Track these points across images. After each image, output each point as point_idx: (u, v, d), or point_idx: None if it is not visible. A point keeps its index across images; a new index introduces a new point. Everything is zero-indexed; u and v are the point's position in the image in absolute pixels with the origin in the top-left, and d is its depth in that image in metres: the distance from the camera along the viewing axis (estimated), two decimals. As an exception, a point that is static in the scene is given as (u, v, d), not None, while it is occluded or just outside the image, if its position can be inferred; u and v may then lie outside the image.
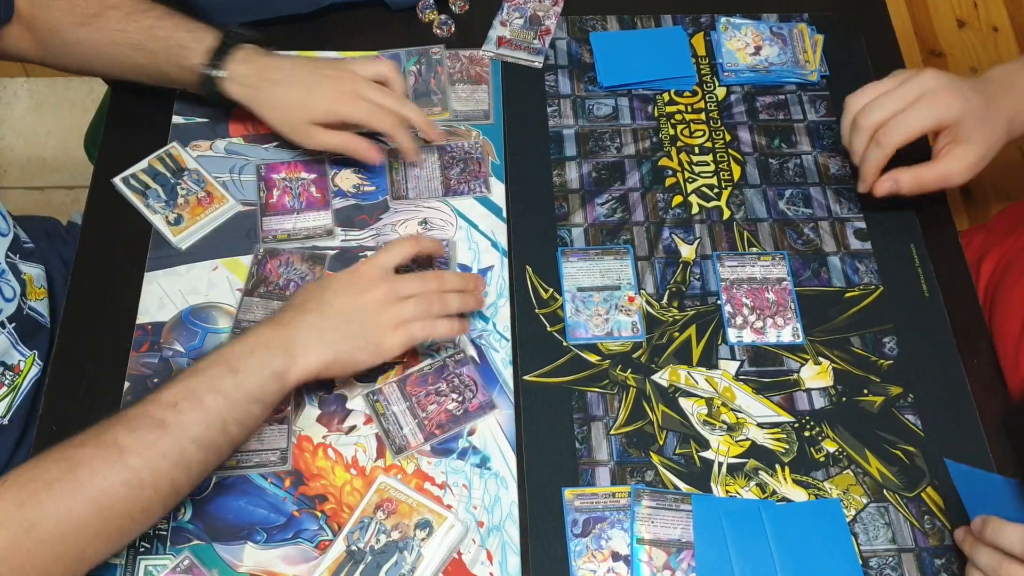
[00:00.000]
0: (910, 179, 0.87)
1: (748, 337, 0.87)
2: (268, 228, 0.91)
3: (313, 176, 0.94)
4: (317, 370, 0.75)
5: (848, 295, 0.90)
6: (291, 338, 0.75)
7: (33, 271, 0.93)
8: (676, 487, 0.79)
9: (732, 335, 0.87)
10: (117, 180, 0.92)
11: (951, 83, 0.84)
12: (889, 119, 0.85)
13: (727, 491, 0.79)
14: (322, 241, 0.91)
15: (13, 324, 0.88)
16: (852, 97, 0.88)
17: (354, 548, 0.75)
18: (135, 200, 0.92)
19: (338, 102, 0.89)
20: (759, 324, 0.87)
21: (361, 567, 0.74)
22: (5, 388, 0.87)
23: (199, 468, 0.70)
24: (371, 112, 0.89)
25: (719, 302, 0.88)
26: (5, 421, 0.87)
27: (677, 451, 0.81)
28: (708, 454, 0.81)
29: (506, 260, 0.91)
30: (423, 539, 0.75)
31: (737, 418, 0.83)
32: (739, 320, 0.87)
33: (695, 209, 0.94)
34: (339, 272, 0.82)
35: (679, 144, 0.99)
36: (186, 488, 0.70)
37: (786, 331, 0.87)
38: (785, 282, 0.90)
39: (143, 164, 0.94)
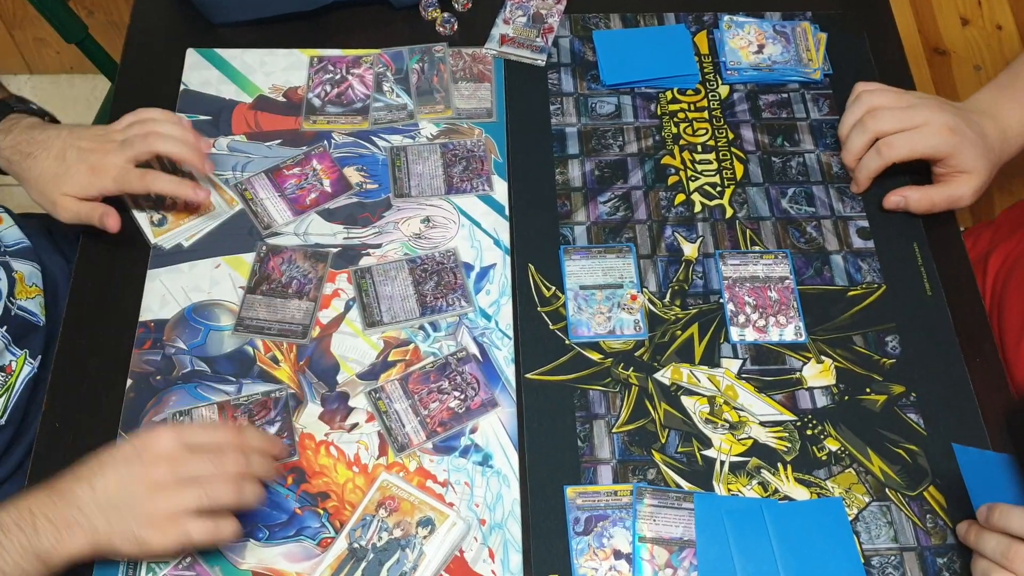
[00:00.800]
0: (919, 197, 0.91)
1: (751, 336, 0.87)
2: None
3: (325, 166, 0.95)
4: (83, 552, 0.67)
5: (851, 294, 0.89)
6: (60, 515, 0.67)
7: (25, 269, 0.93)
8: (678, 485, 0.79)
9: (735, 334, 0.87)
10: None
11: (953, 121, 0.88)
12: (894, 132, 0.89)
13: (729, 490, 0.79)
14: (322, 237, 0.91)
15: (3, 327, 0.88)
16: (868, 93, 0.92)
17: (356, 546, 0.75)
18: (125, 195, 0.91)
19: (88, 175, 0.85)
20: (761, 323, 0.87)
21: (363, 564, 0.74)
22: None
23: None
24: (121, 179, 0.85)
25: (722, 300, 0.88)
26: (2, 421, 0.87)
27: (679, 449, 0.81)
28: (710, 452, 0.81)
29: (508, 258, 0.91)
30: (425, 537, 0.75)
31: (739, 416, 0.83)
32: (741, 319, 0.87)
33: (698, 207, 0.94)
34: (125, 441, 0.71)
35: (682, 142, 0.99)
36: None
37: (788, 329, 0.87)
38: (788, 280, 0.89)
39: None
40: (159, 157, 0.89)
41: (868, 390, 0.84)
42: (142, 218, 0.91)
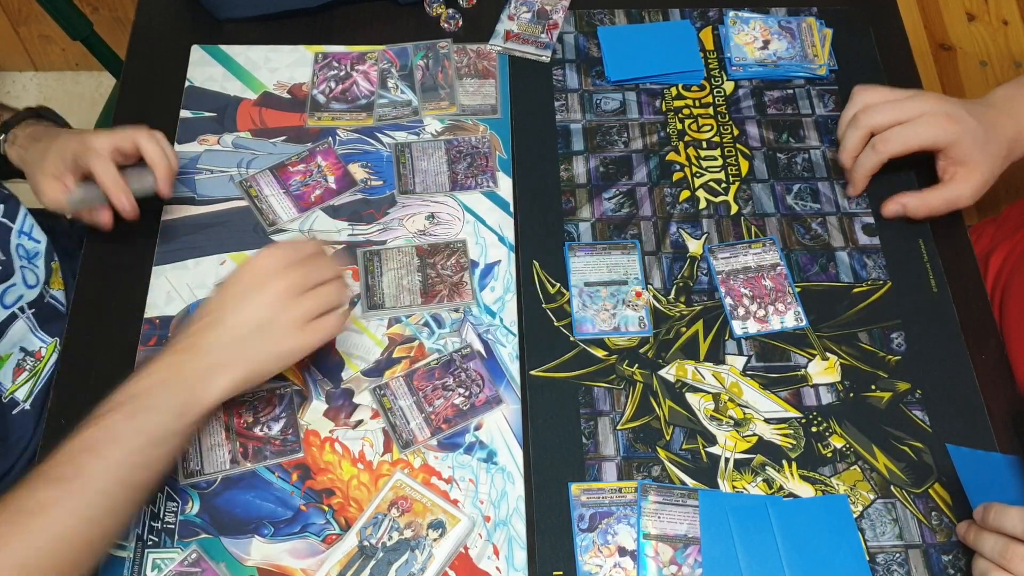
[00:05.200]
0: (917, 203, 0.90)
1: (753, 327, 0.86)
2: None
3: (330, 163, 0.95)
4: (228, 393, 0.72)
5: (856, 290, 0.89)
6: (194, 368, 0.71)
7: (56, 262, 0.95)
8: (683, 482, 0.79)
9: (737, 327, 0.87)
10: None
11: (952, 108, 0.87)
12: (888, 126, 0.88)
13: (734, 487, 0.79)
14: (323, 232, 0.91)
15: (33, 310, 0.89)
16: (862, 90, 0.90)
17: (366, 544, 0.75)
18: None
19: (62, 151, 0.86)
20: (761, 313, 0.87)
21: (372, 563, 0.75)
22: (27, 373, 0.88)
23: (124, 511, 0.69)
24: (84, 154, 0.85)
25: (718, 295, 0.88)
26: (27, 406, 0.88)
27: (684, 446, 0.81)
28: (715, 449, 0.81)
29: (513, 255, 0.91)
30: (435, 539, 0.75)
31: (744, 413, 0.83)
32: (741, 311, 0.87)
33: (703, 204, 0.94)
34: (233, 276, 0.76)
35: (687, 139, 0.98)
36: (102, 540, 0.69)
37: (788, 316, 0.87)
38: (779, 267, 0.89)
39: None
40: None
41: (873, 387, 0.84)
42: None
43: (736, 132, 0.99)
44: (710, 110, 1.00)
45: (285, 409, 0.82)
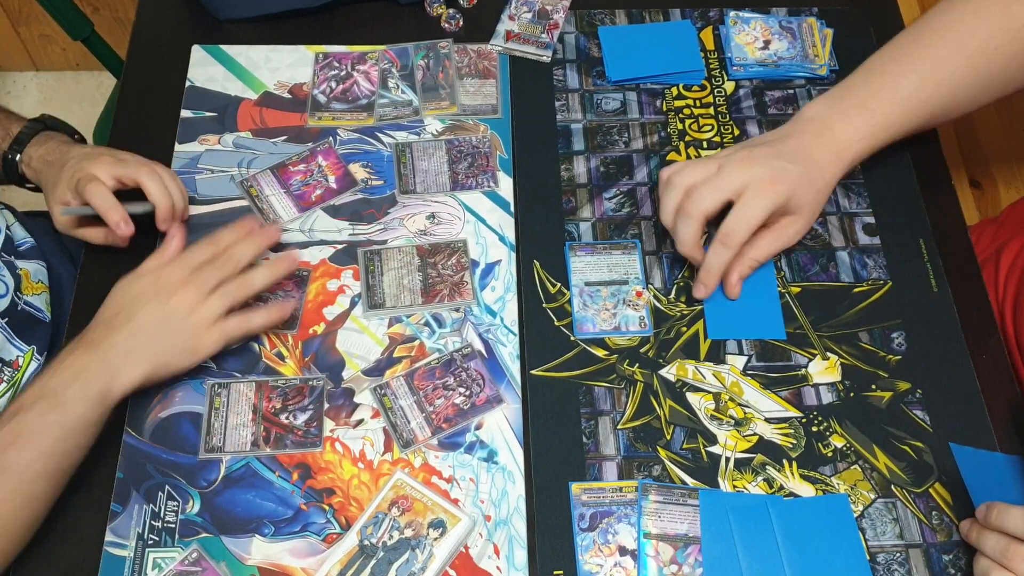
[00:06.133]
0: (748, 269, 0.86)
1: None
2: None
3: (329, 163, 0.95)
4: (136, 384, 0.77)
5: (856, 290, 0.89)
6: (106, 359, 0.76)
7: (30, 267, 0.93)
8: (683, 482, 0.79)
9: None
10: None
11: (771, 166, 0.82)
12: (715, 205, 0.82)
13: (734, 486, 0.79)
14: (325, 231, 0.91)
15: (6, 319, 0.88)
16: (675, 175, 0.84)
17: (367, 543, 0.75)
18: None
19: (68, 180, 0.86)
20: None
21: (372, 562, 0.75)
22: (4, 384, 0.87)
23: (45, 499, 0.74)
24: (80, 183, 0.84)
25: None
26: None
27: (684, 446, 0.81)
28: (715, 449, 0.81)
29: (514, 255, 0.91)
30: (436, 539, 0.75)
31: (745, 413, 0.83)
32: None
33: (703, 204, 0.94)
34: (141, 274, 0.80)
35: (688, 139, 0.98)
36: (42, 514, 0.74)
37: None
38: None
39: None
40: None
41: (874, 387, 0.84)
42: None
43: (737, 132, 0.99)
44: (711, 110, 1.00)
45: (314, 401, 0.82)
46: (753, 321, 0.87)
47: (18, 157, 0.92)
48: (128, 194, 0.85)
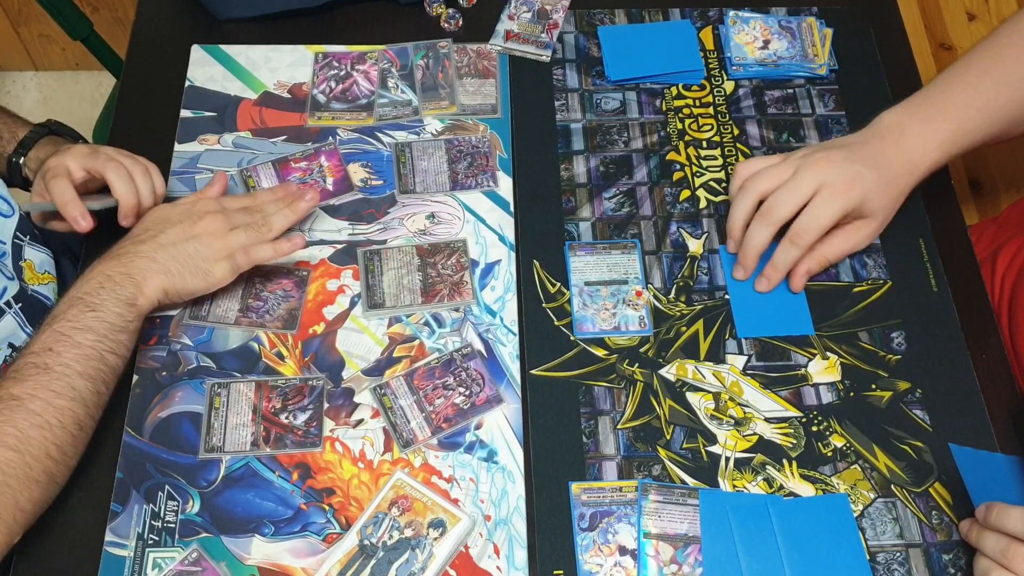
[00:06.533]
0: (818, 266, 0.87)
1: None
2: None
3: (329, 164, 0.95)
4: (159, 295, 0.81)
5: (856, 290, 0.89)
6: (130, 268, 0.80)
7: (36, 257, 0.94)
8: (683, 482, 0.79)
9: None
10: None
11: (846, 169, 0.82)
12: (792, 212, 0.83)
13: (734, 486, 0.79)
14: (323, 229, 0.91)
15: (20, 304, 0.88)
16: (750, 179, 0.86)
17: (367, 543, 0.75)
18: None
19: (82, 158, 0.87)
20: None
21: (372, 562, 0.75)
22: None
23: (93, 399, 0.76)
24: (57, 169, 0.86)
25: (727, 296, 0.88)
26: None
27: (684, 446, 0.81)
28: (715, 449, 0.81)
29: (513, 254, 0.91)
30: (436, 539, 0.75)
31: (744, 413, 0.83)
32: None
33: (703, 203, 0.94)
34: (177, 203, 0.86)
35: (687, 138, 0.98)
36: (89, 421, 0.76)
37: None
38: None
39: None
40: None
41: (874, 386, 0.84)
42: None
43: (736, 132, 0.99)
44: (710, 110, 1.01)
45: (313, 401, 0.82)
46: (781, 318, 0.87)
47: (22, 160, 0.93)
48: (106, 189, 0.87)
